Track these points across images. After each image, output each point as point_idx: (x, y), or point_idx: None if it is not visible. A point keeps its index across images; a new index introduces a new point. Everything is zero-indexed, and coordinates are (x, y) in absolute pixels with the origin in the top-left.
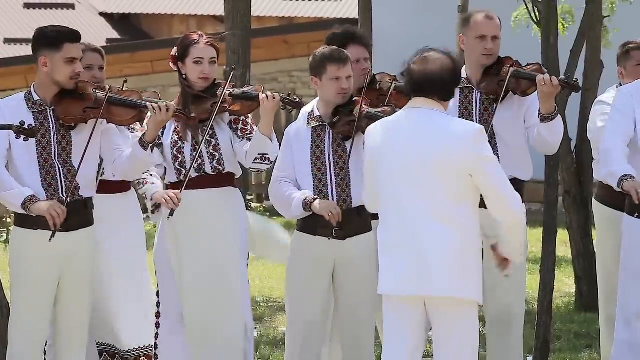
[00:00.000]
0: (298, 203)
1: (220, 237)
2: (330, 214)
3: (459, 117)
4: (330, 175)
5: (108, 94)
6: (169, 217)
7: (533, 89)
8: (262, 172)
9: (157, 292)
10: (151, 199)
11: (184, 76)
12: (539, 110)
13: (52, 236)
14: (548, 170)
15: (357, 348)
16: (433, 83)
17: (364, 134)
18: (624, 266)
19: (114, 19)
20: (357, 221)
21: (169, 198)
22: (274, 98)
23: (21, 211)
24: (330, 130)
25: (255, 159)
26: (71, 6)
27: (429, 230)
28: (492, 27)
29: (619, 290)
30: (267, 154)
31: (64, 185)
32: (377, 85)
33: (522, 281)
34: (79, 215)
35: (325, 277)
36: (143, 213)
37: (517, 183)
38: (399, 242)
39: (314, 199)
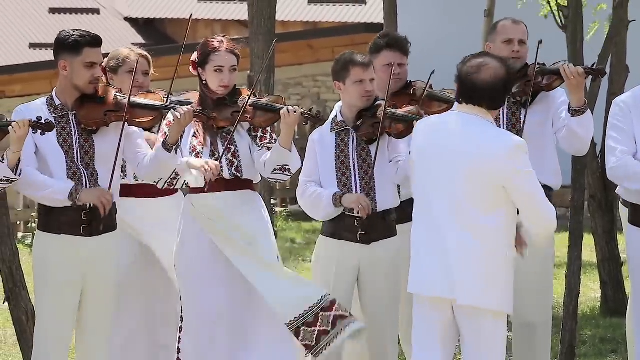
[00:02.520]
0: (328, 200)
1: (237, 240)
2: (360, 206)
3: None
4: (355, 179)
5: (130, 98)
6: (205, 188)
7: (558, 82)
8: (281, 182)
9: (179, 296)
10: (186, 164)
11: (204, 82)
12: (569, 105)
13: (101, 229)
14: (574, 175)
15: (381, 352)
16: (484, 92)
17: (389, 135)
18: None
19: (139, 24)
20: (382, 225)
21: (208, 167)
22: (295, 112)
23: (66, 203)
24: (354, 135)
25: (275, 169)
26: (96, 11)
27: (455, 236)
28: (518, 31)
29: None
30: (288, 165)
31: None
32: (411, 90)
33: (549, 287)
34: (102, 220)
35: (349, 281)
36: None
37: (546, 190)
38: (427, 243)
39: (343, 194)
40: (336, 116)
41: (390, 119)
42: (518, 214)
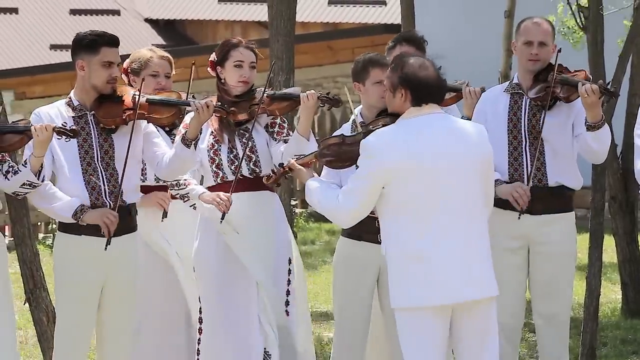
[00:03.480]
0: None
1: (256, 240)
2: None
3: (508, 122)
4: None
5: (146, 95)
6: (221, 221)
7: (575, 95)
8: (291, 178)
9: (199, 297)
10: (199, 198)
11: (222, 80)
12: (586, 119)
13: (108, 243)
14: (595, 176)
15: (400, 352)
16: (440, 89)
17: None
18: None
19: (159, 25)
20: None
21: (221, 200)
22: (313, 96)
23: (71, 221)
24: None
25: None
26: (117, 12)
27: (471, 232)
28: (538, 32)
29: None
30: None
31: (106, 189)
32: None
33: (570, 289)
34: (122, 221)
35: (370, 281)
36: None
37: (563, 190)
38: (441, 247)
39: None
40: (357, 116)
41: None
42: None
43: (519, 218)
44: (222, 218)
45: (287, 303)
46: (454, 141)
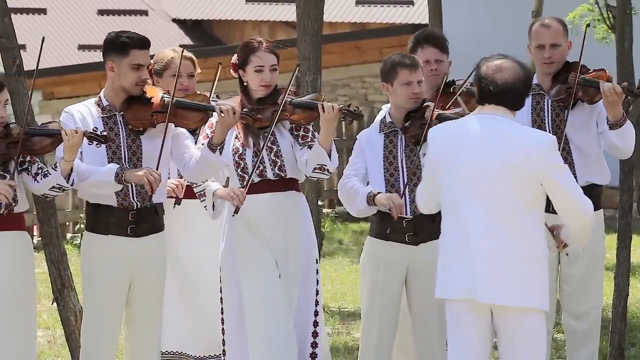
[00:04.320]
0: (362, 197)
1: (281, 242)
2: (392, 204)
3: (532, 124)
4: (403, 180)
5: (175, 98)
6: (234, 215)
7: (599, 97)
8: (321, 181)
9: (221, 298)
10: (213, 195)
11: (244, 83)
12: (607, 118)
13: (150, 199)
14: (622, 176)
15: (428, 353)
16: (506, 93)
17: None
18: None
19: (187, 25)
20: (430, 227)
21: (234, 195)
22: (333, 109)
23: (113, 189)
24: (403, 136)
25: (315, 168)
26: (144, 12)
27: (496, 238)
28: (548, 35)
29: None
30: (326, 165)
31: (134, 189)
32: (452, 89)
33: (600, 289)
34: (149, 220)
35: (398, 282)
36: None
37: (594, 188)
38: (464, 247)
39: (378, 192)
40: (384, 117)
41: (439, 120)
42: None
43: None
44: (236, 212)
45: (316, 303)
46: (494, 146)
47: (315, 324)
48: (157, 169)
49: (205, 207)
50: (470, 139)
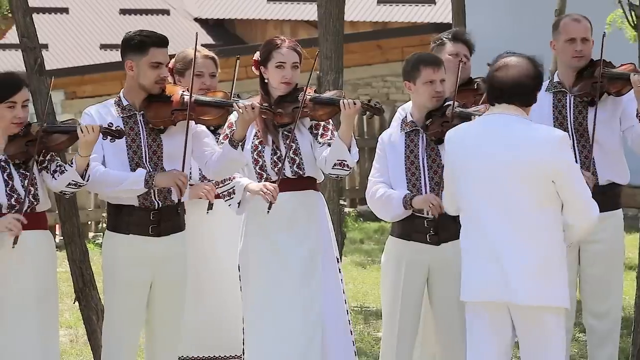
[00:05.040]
0: (398, 202)
1: (300, 238)
2: (431, 205)
3: (554, 122)
4: (425, 179)
5: (194, 95)
6: (268, 212)
7: (628, 88)
8: (340, 178)
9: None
10: (245, 189)
11: (265, 80)
12: (637, 110)
13: (178, 206)
14: None
15: (451, 352)
16: (514, 90)
17: None
18: None
19: (208, 25)
20: (452, 226)
21: (267, 190)
22: (354, 104)
23: (143, 191)
24: (424, 135)
25: (334, 165)
26: (166, 12)
27: (512, 238)
28: (580, 29)
29: None
30: (346, 161)
31: (156, 189)
32: (475, 85)
33: (620, 288)
34: (170, 220)
35: (419, 282)
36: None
37: (614, 187)
38: (482, 248)
39: (414, 195)
40: (405, 116)
41: (460, 117)
42: None
43: None
44: (269, 208)
45: (345, 302)
46: (507, 146)
47: (349, 322)
48: (182, 169)
49: (229, 205)
50: (483, 140)
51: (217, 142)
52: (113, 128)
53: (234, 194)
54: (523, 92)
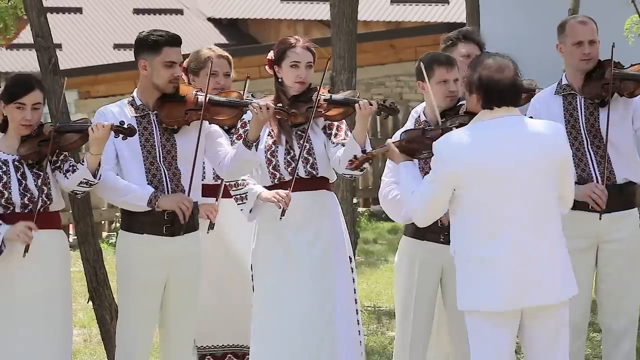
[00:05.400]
0: None
1: (310, 240)
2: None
3: (566, 124)
4: None
5: (208, 95)
6: (280, 218)
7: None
8: (354, 178)
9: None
10: (258, 197)
11: (279, 80)
12: None
13: (183, 229)
14: None
15: (464, 352)
16: (513, 91)
17: None
18: None
19: (222, 24)
20: None
21: (280, 197)
22: (370, 105)
23: (145, 209)
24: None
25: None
26: (179, 12)
27: (544, 236)
28: (587, 31)
29: None
30: None
31: (170, 189)
32: None
33: (637, 286)
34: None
35: (433, 281)
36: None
37: (630, 185)
38: (510, 252)
39: None
40: (419, 116)
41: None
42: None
43: (600, 219)
44: (282, 215)
45: (355, 301)
46: (525, 146)
47: (357, 322)
48: (193, 170)
49: (241, 209)
50: (499, 144)
51: (231, 141)
52: (124, 126)
53: (247, 199)
54: (518, 94)
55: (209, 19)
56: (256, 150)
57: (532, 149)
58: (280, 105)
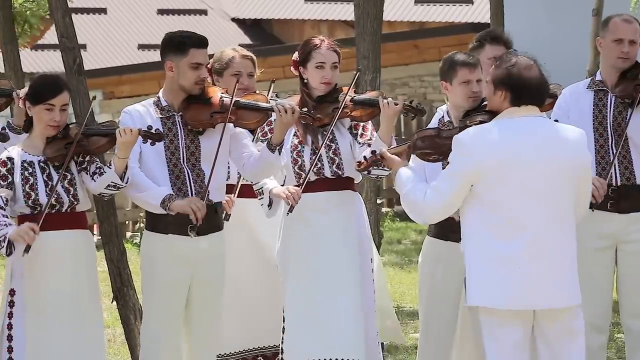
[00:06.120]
0: None
1: (336, 238)
2: None
3: (593, 120)
4: None
5: (234, 98)
6: (288, 213)
7: None
8: (380, 178)
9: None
10: (270, 193)
11: (305, 81)
12: None
13: (194, 231)
14: None
15: None
16: (542, 91)
17: None
18: None
19: (246, 25)
20: None
21: (289, 194)
22: (395, 105)
23: (159, 211)
24: None
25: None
26: (204, 12)
27: (560, 239)
28: (629, 30)
29: None
30: None
31: (193, 190)
32: None
33: None
34: (209, 220)
35: (456, 282)
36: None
37: None
38: (527, 252)
39: None
40: (443, 117)
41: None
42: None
43: (592, 210)
44: (290, 211)
45: (374, 301)
46: (549, 148)
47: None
48: (211, 171)
49: (261, 205)
50: (521, 144)
51: (254, 139)
52: (153, 131)
53: (263, 194)
54: (546, 93)
55: (233, 20)
56: (279, 154)
57: (555, 152)
58: (306, 110)
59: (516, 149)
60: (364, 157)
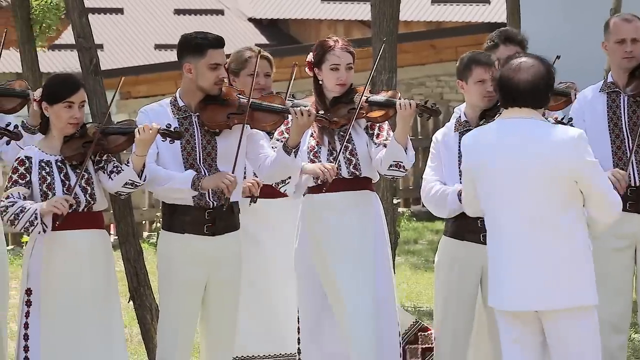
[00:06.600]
0: (453, 196)
1: (354, 237)
2: None
3: (608, 122)
4: None
5: (251, 100)
6: (323, 190)
7: None
8: (397, 178)
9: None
10: (303, 169)
11: (320, 82)
12: None
13: (225, 204)
14: None
15: None
16: (527, 93)
17: None
18: None
19: (262, 25)
20: None
21: (325, 169)
22: (411, 105)
23: (190, 195)
24: None
25: (390, 166)
26: (220, 12)
27: (539, 242)
28: (630, 29)
29: None
30: (402, 162)
31: (210, 190)
32: None
33: None
34: (225, 219)
35: (472, 282)
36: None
37: None
38: (509, 254)
39: None
40: (460, 116)
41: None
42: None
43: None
44: (324, 187)
45: (394, 299)
46: (527, 148)
47: (397, 323)
48: (232, 171)
49: (285, 189)
50: (501, 145)
51: (271, 138)
52: (172, 129)
53: (289, 179)
54: (536, 95)
55: (250, 20)
56: (295, 157)
57: (534, 153)
58: (322, 112)
59: (494, 150)
60: None
